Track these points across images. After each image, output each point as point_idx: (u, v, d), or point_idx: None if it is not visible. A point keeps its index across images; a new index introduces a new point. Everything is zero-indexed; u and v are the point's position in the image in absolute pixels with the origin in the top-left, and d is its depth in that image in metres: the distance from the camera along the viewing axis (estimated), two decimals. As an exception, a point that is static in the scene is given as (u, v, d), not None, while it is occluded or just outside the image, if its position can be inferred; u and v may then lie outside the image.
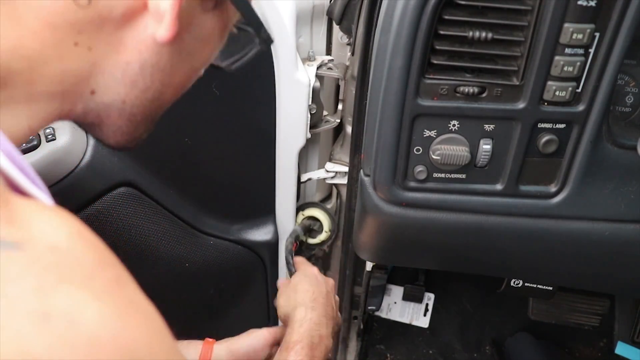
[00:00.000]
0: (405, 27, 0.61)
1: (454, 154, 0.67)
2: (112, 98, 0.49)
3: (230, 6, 0.50)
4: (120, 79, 0.47)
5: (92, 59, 0.45)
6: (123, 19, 0.44)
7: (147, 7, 0.44)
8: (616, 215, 0.72)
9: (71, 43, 0.43)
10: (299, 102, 0.93)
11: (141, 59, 0.47)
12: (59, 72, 0.44)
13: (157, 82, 0.50)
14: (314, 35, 0.97)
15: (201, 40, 0.51)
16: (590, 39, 0.61)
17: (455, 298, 1.36)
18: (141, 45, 0.46)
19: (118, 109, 0.50)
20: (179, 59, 0.49)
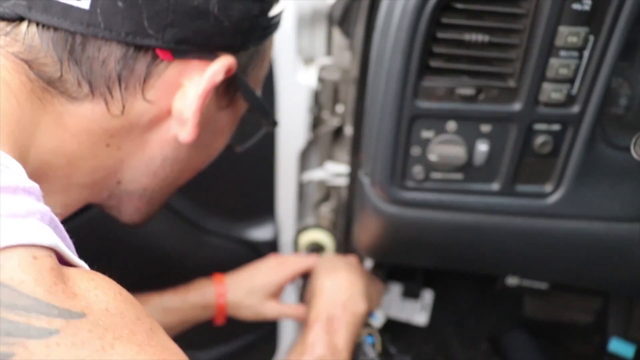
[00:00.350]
0: (403, 31, 0.63)
1: (452, 155, 0.69)
2: (135, 187, 0.55)
3: (241, 101, 0.56)
4: (144, 171, 0.54)
5: (120, 156, 0.51)
6: (150, 124, 0.50)
7: (170, 113, 0.50)
8: (610, 214, 0.73)
9: (104, 144, 0.49)
10: (300, 104, 0.94)
11: (163, 154, 0.53)
12: (91, 167, 0.50)
13: (176, 171, 0.56)
14: (314, 37, 0.98)
15: (216, 133, 0.57)
16: (585, 41, 0.62)
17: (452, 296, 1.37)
18: (164, 143, 0.52)
19: (139, 195, 0.56)
20: (196, 150, 0.56)
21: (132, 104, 0.48)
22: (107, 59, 0.45)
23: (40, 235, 0.35)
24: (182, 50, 0.47)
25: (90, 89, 0.46)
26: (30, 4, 0.43)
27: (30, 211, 0.35)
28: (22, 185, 0.37)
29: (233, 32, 0.48)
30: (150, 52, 0.46)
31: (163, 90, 0.48)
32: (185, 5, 0.44)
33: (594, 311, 1.22)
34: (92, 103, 0.47)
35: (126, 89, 0.47)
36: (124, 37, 0.44)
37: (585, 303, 1.22)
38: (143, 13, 0.44)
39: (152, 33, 0.44)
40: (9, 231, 0.33)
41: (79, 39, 0.44)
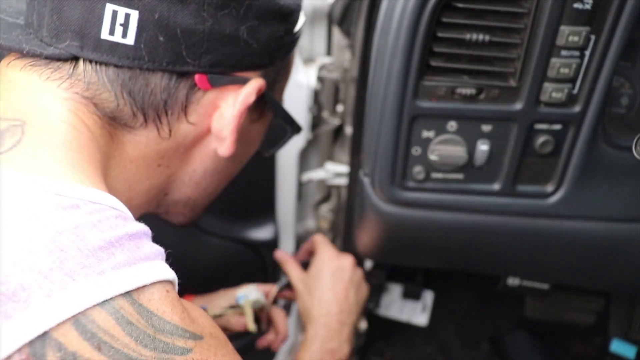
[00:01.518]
0: (404, 30, 0.62)
1: (452, 155, 0.68)
2: (180, 197, 0.62)
3: (269, 112, 0.62)
4: (187, 182, 0.60)
5: (169, 173, 0.57)
6: (193, 142, 0.56)
7: (210, 130, 0.56)
8: (611, 214, 0.73)
9: (156, 165, 0.55)
10: (300, 104, 0.94)
11: (204, 167, 0.59)
12: (147, 187, 0.56)
13: (216, 180, 0.63)
14: (314, 37, 0.98)
15: (249, 143, 0.64)
16: (586, 41, 0.62)
17: (453, 296, 1.37)
18: (205, 156, 0.58)
19: (184, 203, 0.63)
20: (232, 161, 0.62)
21: (178, 127, 0.54)
22: (154, 88, 0.50)
23: (166, 272, 0.44)
24: (217, 73, 0.52)
25: (144, 118, 0.51)
26: (82, 44, 0.48)
27: (155, 252, 0.44)
28: (142, 230, 0.45)
29: (261, 53, 0.54)
30: (189, 80, 0.51)
31: (203, 113, 0.54)
32: (218, 34, 0.49)
33: (595, 312, 1.22)
34: (146, 130, 0.52)
35: (172, 115, 0.52)
36: (165, 66, 0.49)
37: (587, 304, 1.22)
38: (182, 44, 0.48)
39: (190, 61, 0.49)
40: (149, 272, 0.42)
41: (127, 73, 0.49)
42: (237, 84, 0.54)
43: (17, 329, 0.35)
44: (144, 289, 0.41)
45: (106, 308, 0.38)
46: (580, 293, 1.21)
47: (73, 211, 0.41)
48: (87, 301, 0.38)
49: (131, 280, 0.40)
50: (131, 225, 0.44)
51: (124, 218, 0.44)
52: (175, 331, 0.42)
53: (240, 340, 1.13)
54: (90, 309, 0.38)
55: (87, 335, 0.37)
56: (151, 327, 0.40)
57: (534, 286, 1.05)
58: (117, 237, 0.42)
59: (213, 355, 0.44)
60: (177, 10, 0.47)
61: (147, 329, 0.40)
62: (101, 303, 0.38)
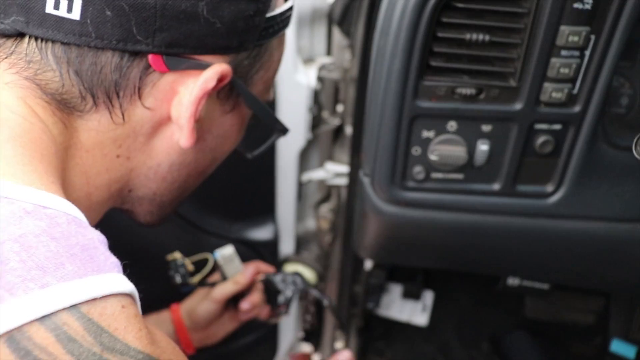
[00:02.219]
0: (404, 30, 0.62)
1: (452, 155, 0.68)
2: (145, 192, 0.57)
3: (242, 103, 0.57)
4: (152, 177, 0.56)
5: (131, 166, 0.53)
6: (152, 130, 0.52)
7: (171, 118, 0.51)
8: (612, 214, 0.73)
9: (114, 155, 0.51)
10: (300, 104, 0.94)
11: (169, 160, 0.55)
12: (107, 181, 0.52)
13: (184, 175, 0.58)
14: (314, 37, 0.98)
15: (222, 136, 0.58)
16: (586, 41, 0.62)
17: (453, 296, 1.37)
18: (169, 149, 0.54)
19: (149, 200, 0.59)
20: (202, 154, 0.57)
21: (133, 112, 0.49)
22: (103, 68, 0.46)
23: (123, 284, 0.40)
24: (174, 55, 0.47)
25: (93, 100, 0.48)
26: (28, 19, 0.44)
27: (111, 264, 0.41)
28: (97, 238, 0.41)
29: (227, 33, 0.49)
30: (144, 61, 0.47)
31: (160, 98, 0.50)
32: (172, 10, 0.45)
33: (595, 312, 1.22)
34: (98, 114, 0.48)
35: (124, 97, 0.48)
36: (115, 45, 0.45)
37: (587, 304, 1.22)
38: (131, 20, 0.44)
39: (142, 39, 0.45)
40: (102, 284, 0.38)
41: (75, 50, 0.45)
42: (200, 68, 0.49)
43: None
44: (95, 302, 0.37)
45: (46, 323, 0.35)
46: (580, 293, 1.21)
47: (20, 217, 0.38)
48: (24, 316, 0.34)
49: (80, 292, 0.37)
50: (85, 233, 0.40)
51: (78, 224, 0.41)
52: (127, 351, 0.38)
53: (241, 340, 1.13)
54: (27, 325, 0.35)
55: (21, 353, 0.34)
56: (99, 344, 0.36)
57: (534, 286, 1.05)
58: (67, 246, 0.38)
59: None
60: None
61: (93, 346, 0.36)
62: (40, 318, 0.35)
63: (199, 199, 1.01)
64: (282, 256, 1.11)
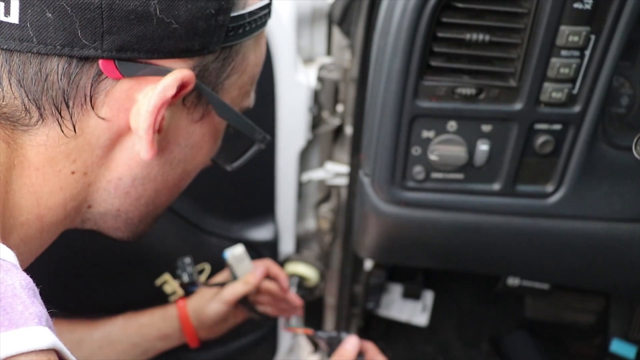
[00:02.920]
0: (404, 30, 0.62)
1: (452, 155, 0.68)
2: (106, 209, 0.52)
3: (213, 112, 0.51)
4: (113, 192, 0.50)
5: (88, 181, 0.48)
6: (111, 142, 0.47)
7: (130, 128, 0.46)
8: (611, 214, 0.73)
9: (69, 172, 0.46)
10: (300, 104, 0.93)
11: (132, 174, 0.50)
12: (61, 201, 0.47)
13: (150, 190, 0.52)
14: (314, 37, 0.98)
15: (192, 147, 0.53)
16: (586, 41, 0.62)
17: (453, 296, 1.37)
18: (131, 161, 0.49)
19: (113, 216, 0.53)
20: (170, 167, 0.52)
21: (86, 123, 0.45)
22: (49, 76, 0.42)
23: (39, 339, 0.35)
24: (127, 60, 0.43)
25: (39, 113, 0.43)
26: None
27: (30, 314, 0.36)
28: (20, 284, 0.37)
29: (186, 35, 0.44)
30: (94, 67, 0.43)
31: (117, 107, 0.45)
32: (120, 10, 0.41)
33: (595, 312, 1.22)
34: (45, 127, 0.44)
35: (74, 107, 0.44)
36: (60, 50, 0.41)
37: (587, 304, 1.22)
38: (75, 22, 0.41)
39: (88, 42, 0.41)
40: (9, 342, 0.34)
41: (16, 58, 0.42)
42: (159, 74, 0.44)
43: None
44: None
45: None
46: (580, 293, 1.21)
47: None
48: None
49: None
50: (5, 278, 0.36)
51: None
52: None
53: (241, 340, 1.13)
54: None
55: None
56: None
57: (534, 286, 1.05)
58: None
59: None
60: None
61: None
62: None
63: (199, 199, 1.01)
64: (282, 256, 1.11)
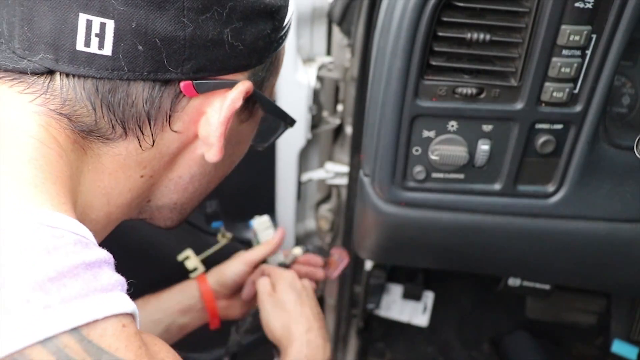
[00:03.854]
0: (404, 29, 0.62)
1: (453, 154, 0.68)
2: (164, 202, 0.59)
3: (259, 111, 0.59)
4: (173, 188, 0.57)
5: (153, 182, 0.55)
6: (178, 150, 0.54)
7: (197, 136, 0.53)
8: (613, 214, 0.73)
9: (138, 176, 0.52)
10: (300, 103, 0.93)
11: (191, 172, 0.56)
12: (128, 199, 0.53)
13: (204, 183, 0.60)
14: (314, 36, 0.98)
15: (239, 143, 0.61)
16: (587, 40, 0.61)
17: (453, 297, 1.37)
18: (191, 162, 0.55)
19: (170, 208, 0.60)
20: (222, 162, 0.58)
21: (162, 137, 0.51)
22: (135, 99, 0.48)
23: (124, 304, 0.41)
24: (201, 79, 0.49)
25: (124, 130, 0.49)
26: (57, 57, 0.45)
27: (114, 283, 0.42)
28: (103, 258, 0.42)
29: (248, 54, 0.51)
30: (173, 89, 0.49)
31: (188, 120, 0.51)
32: (200, 40, 0.47)
33: (596, 313, 1.22)
34: (126, 141, 0.50)
35: (155, 125, 0.50)
36: (146, 76, 0.47)
37: (588, 304, 1.22)
38: (162, 52, 0.46)
39: (172, 68, 0.47)
40: (104, 304, 0.39)
41: (107, 85, 0.47)
42: (223, 88, 0.51)
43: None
44: (95, 324, 0.38)
45: (48, 346, 0.36)
46: (582, 294, 1.21)
47: (26, 237, 0.38)
48: (27, 339, 0.35)
49: (81, 314, 0.38)
50: (91, 252, 0.41)
51: (84, 244, 0.42)
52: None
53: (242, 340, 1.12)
54: (30, 348, 0.35)
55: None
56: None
57: (535, 287, 1.05)
58: (71, 267, 0.39)
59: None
60: (156, 18, 0.45)
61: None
62: (43, 341, 0.36)
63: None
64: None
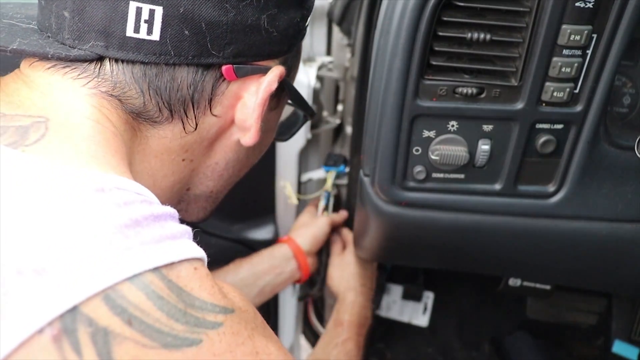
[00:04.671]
0: (404, 29, 0.62)
1: (453, 154, 0.68)
2: (202, 190, 0.62)
3: (285, 99, 0.63)
4: (210, 175, 0.60)
5: (193, 167, 0.58)
6: (217, 135, 0.57)
7: (233, 122, 0.56)
8: (613, 214, 0.72)
9: (180, 159, 0.55)
10: (299, 103, 0.93)
11: (226, 158, 0.60)
12: (171, 183, 0.56)
13: (237, 170, 0.63)
14: (314, 36, 0.98)
15: (268, 131, 0.64)
16: (588, 40, 0.61)
17: (454, 297, 1.37)
18: (227, 148, 0.59)
19: (206, 196, 0.63)
20: (253, 149, 0.62)
21: (203, 120, 0.54)
22: (181, 83, 0.50)
23: (193, 250, 0.44)
24: (240, 64, 0.52)
25: (170, 113, 0.52)
26: (107, 44, 0.48)
27: (182, 232, 0.45)
28: (169, 212, 0.45)
29: (281, 40, 0.55)
30: (215, 73, 0.52)
31: (227, 105, 0.54)
32: (240, 25, 0.50)
33: (597, 313, 1.22)
34: (172, 124, 0.53)
35: (198, 108, 0.53)
36: (191, 60, 0.49)
37: (589, 305, 1.21)
38: (206, 37, 0.49)
39: (215, 52, 0.50)
40: (176, 249, 0.42)
41: (154, 69, 0.49)
42: (259, 73, 0.54)
43: (47, 302, 0.35)
44: (172, 266, 0.41)
45: (136, 283, 0.39)
46: (582, 294, 1.21)
47: (98, 194, 0.41)
48: (116, 276, 0.38)
49: (159, 256, 0.41)
50: (157, 207, 0.45)
51: (149, 202, 0.45)
52: (205, 306, 0.42)
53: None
54: (120, 284, 0.38)
55: (118, 310, 0.37)
56: (182, 302, 0.41)
57: (536, 287, 1.05)
58: (143, 217, 0.42)
59: (244, 329, 0.45)
60: (201, 3, 0.48)
61: (178, 303, 0.40)
62: (130, 278, 0.38)
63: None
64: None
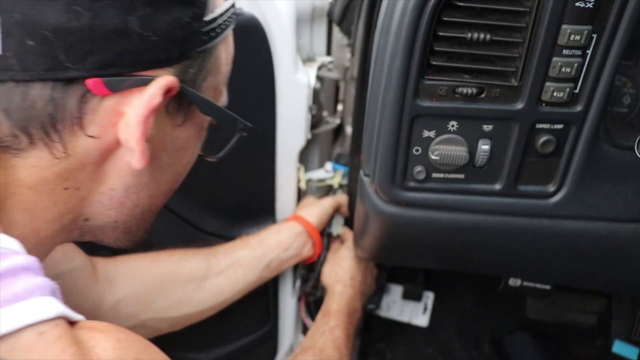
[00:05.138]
0: (404, 29, 0.62)
1: (453, 154, 0.68)
2: (104, 221, 0.53)
3: (196, 113, 0.53)
4: (108, 203, 0.52)
5: (81, 195, 0.50)
6: (101, 158, 0.48)
7: (120, 142, 0.48)
8: (614, 214, 0.72)
9: (61, 189, 0.48)
10: (299, 103, 0.93)
11: (124, 183, 0.51)
12: (56, 214, 0.49)
13: (144, 197, 0.54)
14: (314, 36, 0.98)
15: (179, 150, 0.54)
16: (588, 40, 0.61)
17: (454, 297, 1.37)
18: (121, 172, 0.50)
19: (111, 228, 0.54)
20: (160, 172, 0.54)
21: (76, 143, 0.46)
22: (35, 102, 0.43)
23: (43, 310, 0.38)
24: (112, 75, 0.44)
25: (29, 138, 0.44)
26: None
27: (31, 289, 0.39)
28: (20, 264, 0.39)
29: (165, 45, 0.46)
30: (79, 88, 0.44)
31: (105, 123, 0.46)
32: (100, 30, 0.42)
33: (597, 313, 1.21)
34: (37, 150, 0.45)
35: (63, 130, 0.45)
36: (43, 75, 0.42)
37: (589, 305, 1.21)
38: (56, 47, 0.42)
39: (72, 65, 0.42)
40: (14, 316, 0.36)
41: (1, 87, 0.42)
42: (142, 85, 0.46)
43: None
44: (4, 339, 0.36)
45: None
46: (583, 294, 1.21)
47: None
48: None
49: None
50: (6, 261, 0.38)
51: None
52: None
53: (241, 340, 1.12)
54: None
55: None
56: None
57: (536, 287, 1.05)
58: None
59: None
60: (43, 7, 0.40)
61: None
62: None
63: (198, 199, 1.00)
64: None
